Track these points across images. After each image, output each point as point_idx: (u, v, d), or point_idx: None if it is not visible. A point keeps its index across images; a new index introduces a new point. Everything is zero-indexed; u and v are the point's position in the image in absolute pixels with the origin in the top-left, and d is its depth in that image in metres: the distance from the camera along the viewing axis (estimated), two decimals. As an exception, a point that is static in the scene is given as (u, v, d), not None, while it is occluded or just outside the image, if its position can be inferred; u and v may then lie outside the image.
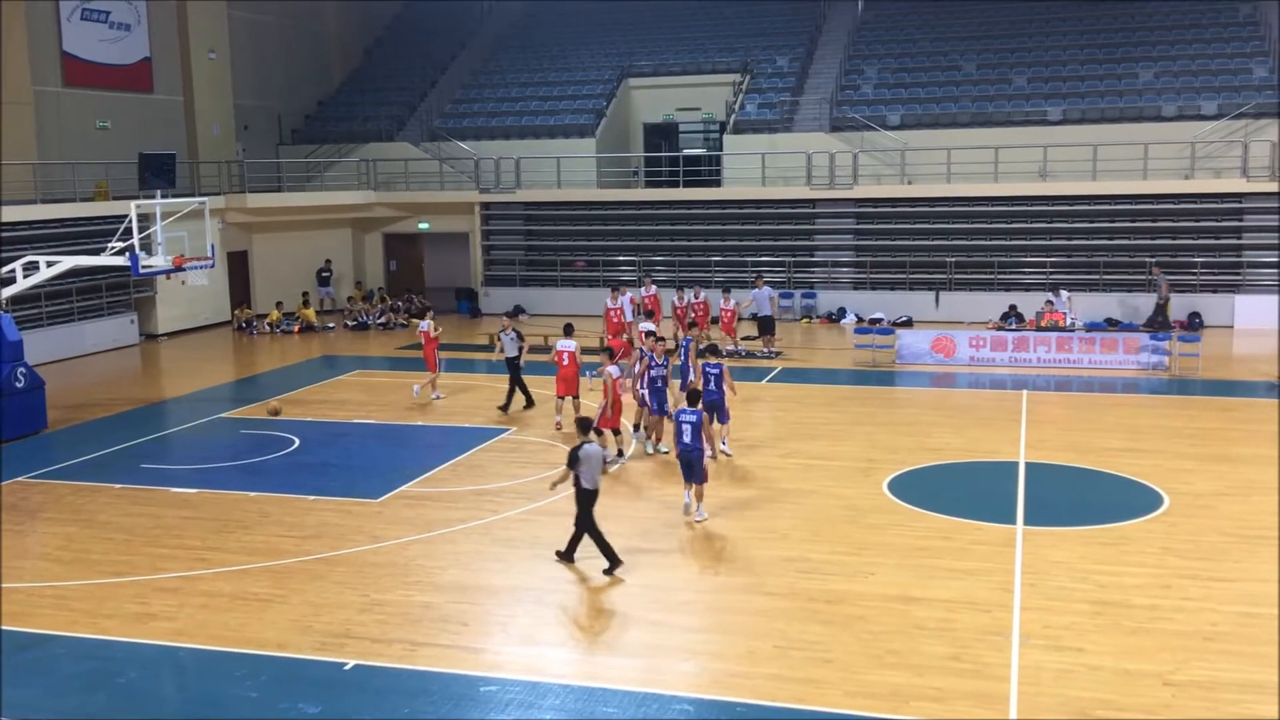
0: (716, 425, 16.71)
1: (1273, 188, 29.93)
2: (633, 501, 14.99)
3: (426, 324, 22.07)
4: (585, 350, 19.85)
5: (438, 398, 21.83)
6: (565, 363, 18.78)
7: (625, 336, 22.74)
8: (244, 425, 20.06)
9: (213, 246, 22.09)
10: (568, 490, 12.57)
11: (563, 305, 33.78)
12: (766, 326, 26.41)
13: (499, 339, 20.83)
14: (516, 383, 20.54)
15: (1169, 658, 9.94)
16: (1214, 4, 36.10)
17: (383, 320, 32.82)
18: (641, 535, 13.60)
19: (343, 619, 11.24)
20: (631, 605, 11.48)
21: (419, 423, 20.01)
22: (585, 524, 12.48)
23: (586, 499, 12.46)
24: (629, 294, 25.23)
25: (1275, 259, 30.17)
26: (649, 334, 18.72)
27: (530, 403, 20.61)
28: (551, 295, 34.62)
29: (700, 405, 14.68)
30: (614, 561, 12.36)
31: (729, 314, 25.49)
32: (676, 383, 18.00)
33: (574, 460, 12.35)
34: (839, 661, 10.05)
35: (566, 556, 12.71)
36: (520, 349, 20.60)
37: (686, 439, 14.04)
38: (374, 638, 10.80)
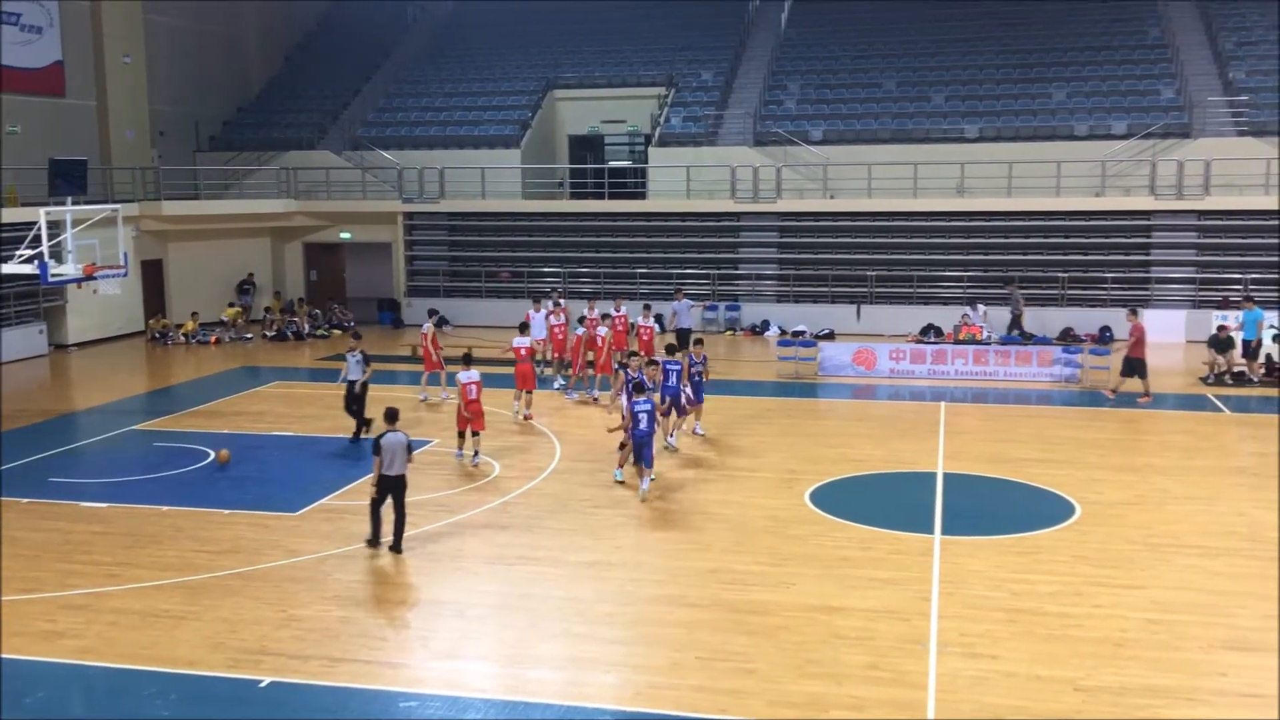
0: (674, 416, 18.31)
1: (1179, 206, 30.89)
2: (556, 514, 14.93)
3: (427, 326, 22.55)
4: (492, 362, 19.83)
5: (424, 399, 22.02)
6: (523, 355, 20.80)
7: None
8: (157, 438, 19.61)
9: (125, 255, 21.57)
10: (486, 505, 12.49)
11: (486, 316, 33.65)
12: (684, 339, 26.18)
13: (345, 360, 19.42)
14: (356, 410, 19.17)
15: (1080, 664, 10.16)
16: (1124, 27, 37.22)
17: (313, 329, 32.45)
18: (563, 548, 13.56)
19: (258, 635, 11.02)
20: (554, 617, 11.43)
21: (339, 435, 19.70)
22: (377, 508, 13.36)
23: (385, 484, 13.24)
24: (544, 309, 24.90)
25: (1182, 275, 31.14)
26: (634, 354, 18.94)
27: (358, 436, 19.08)
28: (475, 306, 34.45)
29: (653, 396, 16.16)
30: (374, 541, 13.36)
31: (648, 331, 24.35)
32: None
33: (377, 448, 13.20)
34: (761, 672, 10.11)
35: (395, 548, 13.39)
36: (365, 373, 19.28)
37: (642, 425, 15.51)
38: (290, 654, 10.60)
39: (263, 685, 9.97)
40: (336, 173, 36.22)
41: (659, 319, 25.95)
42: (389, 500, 13.39)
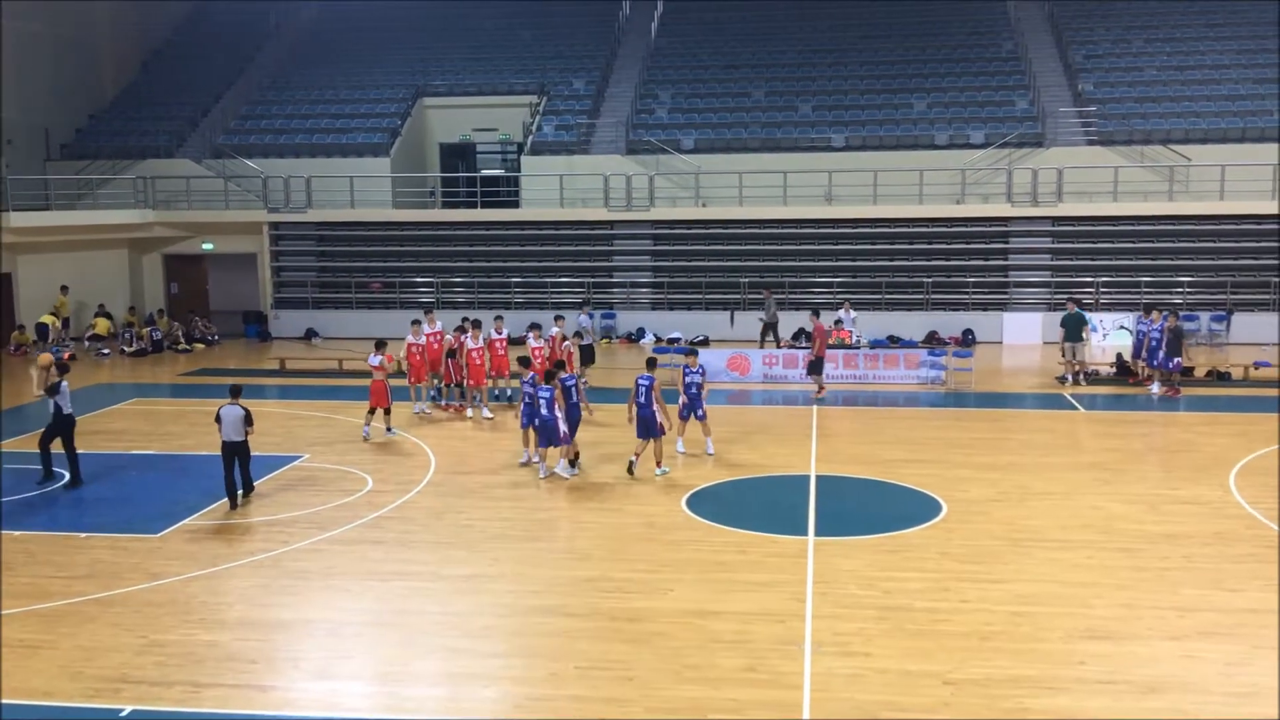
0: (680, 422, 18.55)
1: (1034, 213, 32.15)
2: (431, 527, 14.71)
3: (485, 334, 22.56)
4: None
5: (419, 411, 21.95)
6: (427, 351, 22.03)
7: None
8: (7, 459, 18.64)
9: (-30, 268, 20.53)
10: (359, 521, 12.23)
11: (358, 328, 33.06)
12: (585, 354, 25.22)
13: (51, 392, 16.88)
14: (67, 446, 16.93)
15: (948, 658, 10.43)
16: (980, 40, 38.61)
17: (172, 344, 31.42)
18: (439, 562, 13.37)
19: (118, 662, 10.57)
20: (431, 633, 11.24)
21: (203, 452, 19.06)
22: (228, 472, 15.56)
23: (228, 450, 15.49)
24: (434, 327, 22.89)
25: (1038, 279, 32.39)
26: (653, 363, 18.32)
27: (49, 477, 17.05)
28: (346, 318, 33.81)
29: (554, 384, 16.70)
30: (234, 502, 15.53)
31: (537, 352, 21.64)
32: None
33: (218, 419, 15.51)
34: (640, 679, 10.12)
35: (237, 503, 15.56)
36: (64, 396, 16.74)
37: (544, 411, 16.57)
38: (153, 681, 10.19)
39: (124, 714, 9.56)
40: (197, 182, 35.13)
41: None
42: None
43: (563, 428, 16.71)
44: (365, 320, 33.50)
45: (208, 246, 35.22)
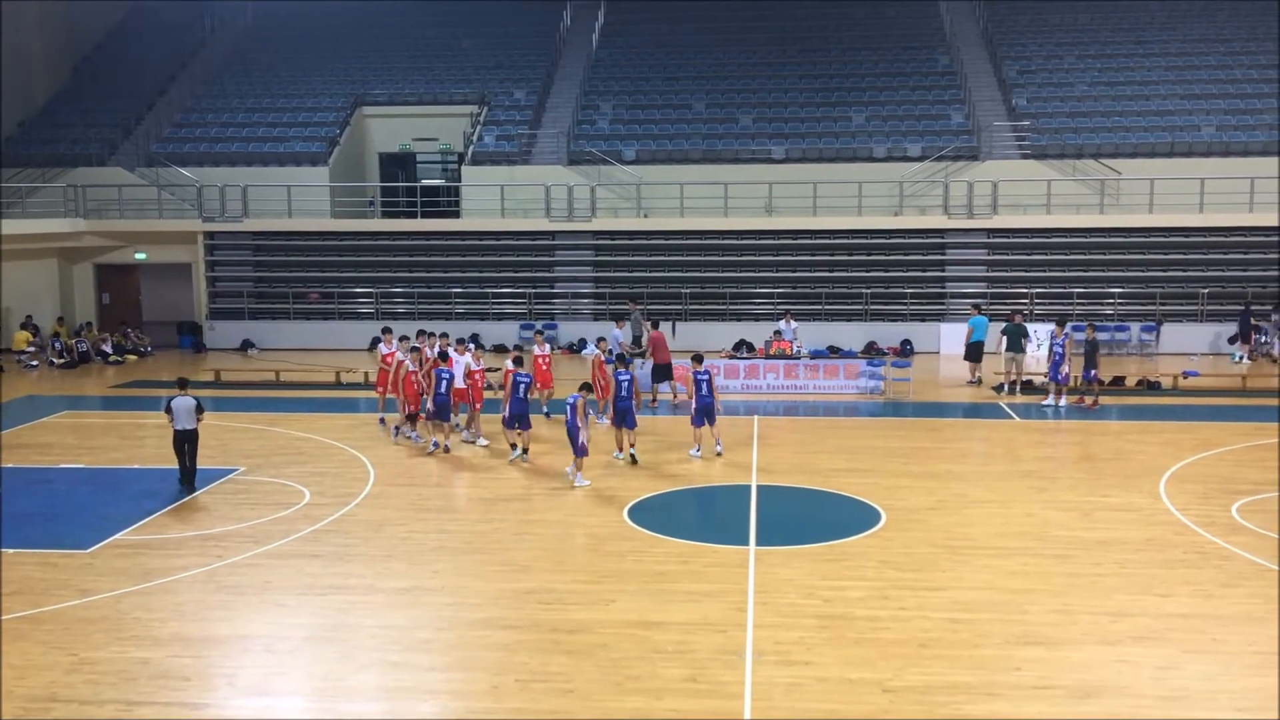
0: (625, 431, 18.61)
1: (970, 224, 32.65)
2: (370, 540, 14.55)
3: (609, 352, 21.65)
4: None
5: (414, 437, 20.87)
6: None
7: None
8: (-70, 474, 18.14)
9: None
10: (296, 534, 12.06)
11: (295, 339, 32.69)
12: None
13: None
14: None
15: (887, 665, 10.52)
16: (916, 55, 39.17)
17: (103, 355, 30.74)
18: (377, 575, 13.21)
19: (47, 681, 10.31)
20: (369, 647, 11.10)
21: (135, 466, 18.70)
22: (181, 459, 16.75)
23: (175, 437, 16.67)
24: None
25: (974, 289, 32.87)
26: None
27: None
28: (283, 329, 33.38)
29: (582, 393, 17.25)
30: (190, 485, 16.69)
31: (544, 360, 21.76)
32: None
33: (167, 408, 16.67)
34: (580, 691, 10.07)
35: (188, 485, 16.74)
36: None
37: (569, 418, 17.04)
38: (83, 700, 9.95)
39: (51, 736, 9.33)
40: (130, 190, 34.51)
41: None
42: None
43: (581, 438, 16.90)
44: (302, 331, 33.12)
45: (141, 256, 34.59)
